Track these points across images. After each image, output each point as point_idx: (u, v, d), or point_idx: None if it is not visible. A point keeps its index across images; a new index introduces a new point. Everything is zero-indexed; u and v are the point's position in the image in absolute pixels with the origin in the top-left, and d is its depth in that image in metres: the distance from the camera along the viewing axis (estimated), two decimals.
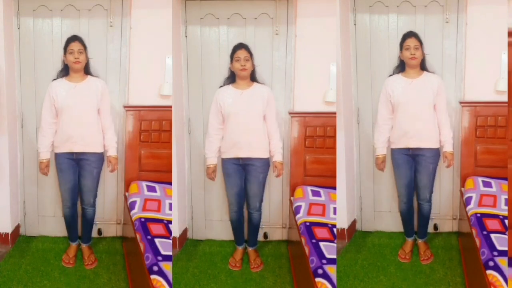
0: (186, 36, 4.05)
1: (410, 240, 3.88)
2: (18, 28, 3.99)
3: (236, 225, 3.84)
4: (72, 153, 3.61)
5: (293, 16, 3.96)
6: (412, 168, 3.69)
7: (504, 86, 3.88)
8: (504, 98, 3.88)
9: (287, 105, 4.03)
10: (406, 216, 3.84)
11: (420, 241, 3.87)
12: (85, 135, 3.59)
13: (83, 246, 3.87)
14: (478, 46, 3.94)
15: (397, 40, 4.00)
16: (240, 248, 3.90)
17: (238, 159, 3.63)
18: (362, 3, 4.05)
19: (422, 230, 3.86)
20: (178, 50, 3.99)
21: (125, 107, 4.00)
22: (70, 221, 3.80)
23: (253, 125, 3.60)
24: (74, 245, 3.86)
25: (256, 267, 3.82)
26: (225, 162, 3.68)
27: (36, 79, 4.02)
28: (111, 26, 3.97)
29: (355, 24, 4.07)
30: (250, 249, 3.91)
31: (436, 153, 3.66)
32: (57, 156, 3.65)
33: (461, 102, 3.99)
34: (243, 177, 3.70)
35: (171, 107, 3.85)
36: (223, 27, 4.03)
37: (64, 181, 3.69)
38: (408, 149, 3.64)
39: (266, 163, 3.70)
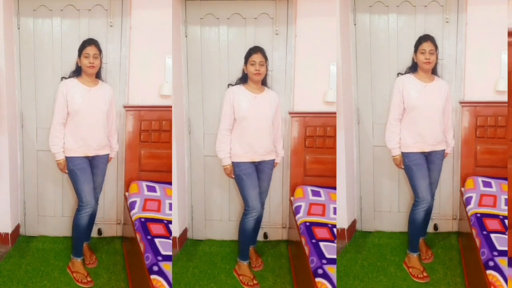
0: (186, 36, 4.05)
1: (416, 255, 3.71)
2: (18, 28, 3.99)
3: (251, 234, 3.67)
4: (88, 156, 3.62)
5: (293, 16, 3.96)
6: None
7: (504, 86, 3.88)
8: (504, 98, 3.88)
9: (287, 105, 4.03)
10: (420, 225, 3.64)
11: (420, 239, 3.84)
12: (99, 139, 3.61)
13: (84, 244, 3.83)
14: (478, 46, 3.94)
15: (397, 40, 4.02)
16: (246, 263, 3.73)
17: (253, 162, 3.62)
18: (362, 3, 4.05)
19: (424, 228, 3.85)
20: (178, 50, 3.99)
21: (125, 107, 4.00)
22: (84, 230, 3.64)
23: (267, 130, 3.59)
24: (80, 260, 3.71)
25: (258, 265, 3.81)
26: (241, 164, 3.58)
27: (36, 79, 4.02)
28: (111, 26, 3.97)
29: (355, 24, 4.07)
30: (250, 247, 3.88)
31: (444, 151, 3.71)
32: (72, 158, 3.57)
33: (461, 102, 3.99)
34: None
35: (171, 107, 3.85)
36: (223, 27, 4.03)
37: (87, 180, 3.59)
38: (424, 152, 3.61)
39: (274, 161, 3.74)
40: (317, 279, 3.22)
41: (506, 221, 3.51)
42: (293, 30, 3.98)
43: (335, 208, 3.80)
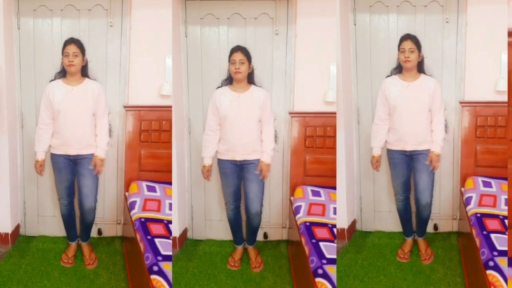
0: (186, 36, 4.05)
1: (409, 240, 3.88)
2: (18, 28, 3.99)
3: (234, 223, 3.84)
4: (69, 155, 3.63)
5: (293, 16, 3.96)
6: (409, 167, 3.70)
7: (504, 86, 3.88)
8: (504, 98, 3.88)
9: (287, 105, 4.03)
10: (404, 215, 3.84)
11: (419, 239, 3.87)
12: (81, 139, 3.60)
13: (83, 244, 3.87)
14: (478, 46, 3.94)
15: (397, 40, 4.01)
16: (239, 248, 3.90)
17: (235, 161, 3.64)
18: (362, 3, 4.05)
19: (421, 229, 3.87)
20: (178, 50, 3.99)
21: (125, 107, 4.00)
22: (67, 220, 3.82)
23: (249, 129, 3.60)
24: (73, 244, 3.88)
25: (257, 266, 3.82)
26: (222, 162, 3.68)
27: (36, 79, 4.02)
28: (111, 26, 3.97)
29: (355, 24, 4.07)
30: (250, 247, 3.91)
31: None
32: (54, 156, 3.67)
33: (461, 102, 3.99)
34: (240, 176, 3.70)
35: (171, 107, 3.85)
36: (223, 27, 4.03)
37: (61, 179, 3.71)
38: (405, 151, 3.65)
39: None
40: (317, 279, 3.22)
41: (506, 221, 3.51)
42: (293, 30, 3.98)
43: (335, 208, 3.80)
